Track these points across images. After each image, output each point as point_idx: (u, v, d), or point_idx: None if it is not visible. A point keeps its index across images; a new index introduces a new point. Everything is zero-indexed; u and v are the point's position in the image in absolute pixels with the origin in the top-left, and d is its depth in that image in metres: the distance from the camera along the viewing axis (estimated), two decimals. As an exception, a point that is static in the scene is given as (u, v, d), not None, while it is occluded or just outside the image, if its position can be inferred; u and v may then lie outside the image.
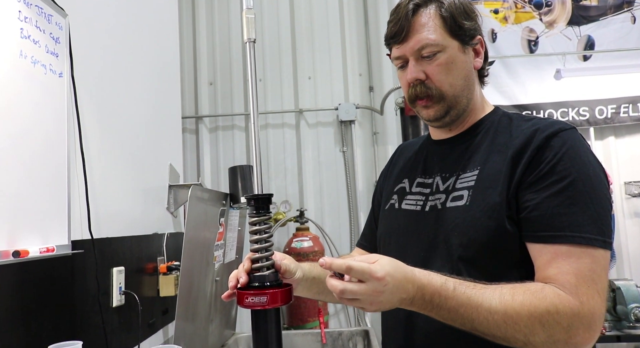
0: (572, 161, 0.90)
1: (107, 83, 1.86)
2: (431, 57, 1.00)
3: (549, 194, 0.88)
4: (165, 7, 2.72)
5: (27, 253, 1.15)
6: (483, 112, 1.09)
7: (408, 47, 1.01)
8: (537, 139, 0.93)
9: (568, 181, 0.88)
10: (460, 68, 1.02)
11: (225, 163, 3.47)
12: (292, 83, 3.58)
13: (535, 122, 0.98)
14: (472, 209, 0.95)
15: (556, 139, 0.92)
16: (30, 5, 1.28)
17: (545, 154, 0.91)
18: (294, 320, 3.04)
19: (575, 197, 0.87)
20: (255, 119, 1.09)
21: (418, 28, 1.00)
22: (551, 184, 0.89)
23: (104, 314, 1.64)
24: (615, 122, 3.40)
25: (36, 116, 1.30)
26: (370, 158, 3.50)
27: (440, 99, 1.01)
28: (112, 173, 1.85)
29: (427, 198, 1.06)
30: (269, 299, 1.00)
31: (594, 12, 3.50)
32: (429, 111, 1.04)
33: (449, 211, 0.99)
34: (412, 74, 1.01)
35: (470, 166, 1.01)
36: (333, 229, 3.43)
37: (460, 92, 1.02)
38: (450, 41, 1.00)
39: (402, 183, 1.16)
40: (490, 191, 0.94)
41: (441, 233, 0.99)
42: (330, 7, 3.62)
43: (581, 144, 0.94)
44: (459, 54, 1.01)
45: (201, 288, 1.98)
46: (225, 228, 2.25)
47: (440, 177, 1.06)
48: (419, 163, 1.15)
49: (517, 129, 0.99)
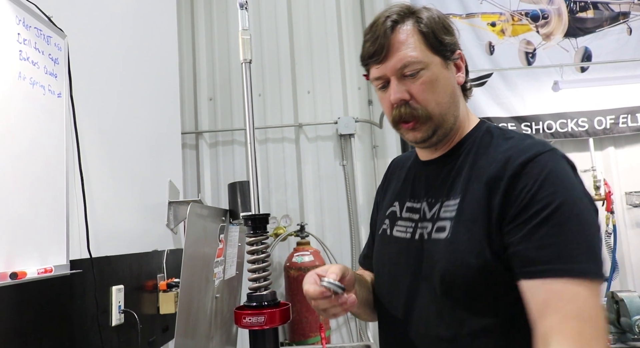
0: (554, 186, 0.82)
1: (106, 101, 1.87)
2: (414, 76, 0.94)
3: (534, 225, 0.81)
4: (165, 24, 2.75)
5: (25, 275, 1.15)
6: (468, 127, 1.03)
7: (389, 66, 0.95)
8: (511, 167, 0.86)
9: (552, 208, 0.80)
10: (445, 85, 0.97)
11: (226, 178, 3.48)
12: (291, 98, 3.60)
13: (511, 146, 0.91)
14: (453, 243, 0.90)
15: (532, 164, 0.85)
16: (29, 28, 1.30)
17: (522, 182, 0.84)
18: (295, 335, 3.02)
19: (561, 225, 0.80)
20: (251, 138, 1.10)
21: (398, 46, 0.94)
22: (534, 214, 0.81)
23: (103, 333, 1.63)
24: (615, 132, 3.40)
25: (35, 137, 1.31)
26: (370, 171, 3.51)
27: (427, 119, 0.96)
28: (112, 191, 1.85)
29: (417, 225, 1.02)
30: (267, 319, 1.00)
31: (590, 24, 3.52)
32: (415, 134, 0.98)
33: (432, 244, 0.95)
34: (395, 95, 0.95)
35: (453, 193, 0.95)
36: (334, 243, 3.43)
37: (447, 110, 0.97)
38: (432, 57, 0.95)
39: (393, 207, 1.12)
40: (471, 224, 0.88)
41: (427, 268, 0.95)
42: (329, 21, 3.65)
43: (562, 166, 0.86)
44: (442, 70, 0.97)
45: (201, 305, 1.97)
46: (225, 244, 2.25)
47: (426, 202, 1.02)
48: (408, 185, 1.11)
49: (495, 151, 0.93)
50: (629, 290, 2.81)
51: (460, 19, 3.53)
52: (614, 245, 3.23)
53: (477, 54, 3.42)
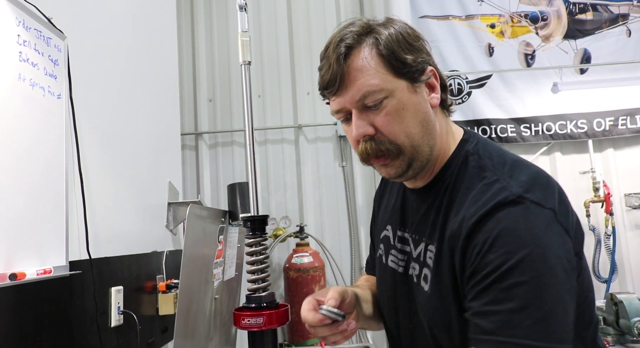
0: (506, 245, 0.73)
1: (106, 102, 1.87)
2: (377, 106, 0.83)
3: (481, 289, 0.74)
4: (164, 25, 2.75)
5: (24, 276, 1.15)
6: (449, 151, 0.92)
7: (347, 97, 0.84)
8: (465, 226, 0.78)
9: (502, 271, 0.71)
10: (414, 112, 0.85)
11: (225, 179, 3.48)
12: (291, 99, 3.61)
13: (475, 193, 0.81)
14: (432, 298, 0.86)
15: (487, 222, 0.76)
16: (29, 29, 1.30)
17: (474, 243, 0.76)
18: (294, 336, 3.02)
19: (509, 289, 0.70)
20: (250, 140, 1.10)
21: (355, 74, 0.83)
22: (483, 278, 0.73)
23: (102, 334, 1.63)
24: (614, 134, 3.41)
25: (35, 138, 1.31)
26: (369, 172, 3.51)
27: (398, 153, 0.85)
28: (111, 192, 1.85)
29: (409, 260, 0.97)
30: (266, 320, 1.01)
31: (589, 26, 3.53)
32: (388, 170, 0.88)
33: (418, 290, 0.91)
34: (358, 130, 0.84)
35: (433, 238, 0.88)
36: (333, 244, 3.43)
37: (420, 140, 0.86)
38: (397, 82, 0.84)
39: (387, 231, 1.08)
40: (444, 279, 0.83)
41: (416, 313, 0.93)
42: (328, 22, 3.66)
43: (527, 216, 0.75)
44: (409, 95, 0.85)
45: (200, 306, 1.97)
46: (224, 246, 2.25)
47: (411, 239, 0.97)
48: (397, 211, 1.05)
49: (463, 198, 0.83)
50: (628, 291, 2.81)
51: (459, 21, 3.53)
52: (613, 247, 3.24)
53: (477, 56, 3.43)
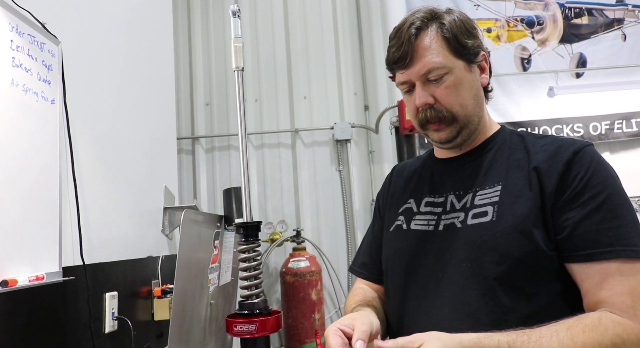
0: (603, 175, 0.90)
1: (102, 107, 1.87)
2: (438, 80, 0.98)
3: (590, 210, 0.87)
4: (161, 29, 2.75)
5: (16, 282, 1.14)
6: (491, 129, 1.08)
7: (414, 72, 0.99)
8: (564, 155, 0.92)
9: (605, 195, 0.87)
10: (469, 88, 1.01)
11: (222, 183, 3.47)
12: (287, 103, 3.61)
13: (554, 139, 0.98)
14: (500, 224, 0.92)
15: (582, 154, 0.92)
16: (22, 34, 1.30)
17: (576, 169, 0.90)
18: (291, 341, 3.01)
19: (615, 210, 0.87)
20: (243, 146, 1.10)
21: (422, 52, 0.98)
22: (589, 200, 0.88)
23: (96, 340, 1.62)
24: (610, 138, 3.41)
25: (28, 143, 1.31)
26: (366, 176, 3.51)
27: (452, 121, 1.00)
28: (106, 197, 1.84)
29: (440, 217, 1.03)
30: (258, 327, 1.00)
31: (585, 30, 3.54)
32: (440, 134, 1.02)
33: (472, 229, 0.95)
34: (421, 99, 0.99)
35: (489, 182, 0.99)
36: (330, 248, 3.42)
37: (472, 111, 1.01)
38: (456, 62, 0.99)
39: (408, 204, 1.12)
40: (518, 206, 0.92)
41: (467, 252, 0.94)
42: (325, 27, 3.66)
43: (603, 159, 0.94)
44: (465, 73, 1.00)
45: (195, 311, 1.97)
46: (220, 250, 2.24)
47: (454, 195, 1.03)
48: (425, 183, 1.12)
49: (534, 146, 0.99)
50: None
51: (456, 25, 3.54)
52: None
53: (473, 60, 3.43)
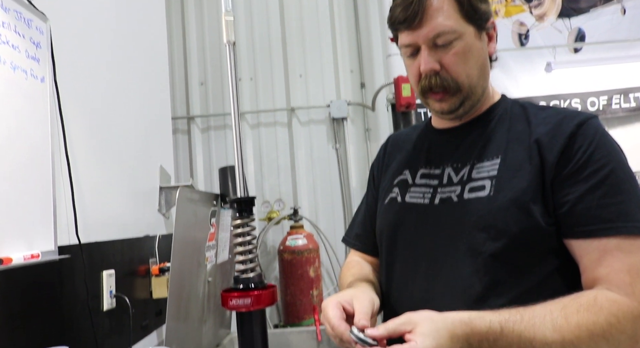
0: (607, 149, 0.86)
1: (93, 86, 1.84)
2: (447, 46, 0.91)
3: (592, 185, 0.83)
4: (153, 5, 2.70)
5: (10, 261, 1.14)
6: (493, 99, 1.03)
7: (421, 34, 0.91)
8: (567, 127, 0.88)
9: (608, 169, 0.83)
10: (477, 56, 0.94)
11: (218, 162, 3.46)
12: (283, 81, 3.57)
13: (557, 111, 0.93)
14: (497, 199, 0.88)
15: (586, 126, 0.87)
16: (8, 10, 1.27)
17: (578, 142, 0.86)
18: (289, 317, 3.05)
19: (618, 185, 0.83)
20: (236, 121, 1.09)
21: (432, 13, 0.89)
22: (591, 174, 0.84)
23: (94, 318, 1.64)
24: (608, 113, 3.40)
25: (18, 122, 1.29)
26: (363, 154, 3.50)
27: (456, 91, 0.94)
28: (101, 176, 1.84)
29: (436, 190, 0.99)
30: (253, 301, 1.01)
31: (584, 4, 3.49)
32: (442, 105, 0.96)
33: (469, 203, 0.92)
34: (426, 65, 0.92)
35: (488, 154, 0.94)
36: (327, 226, 3.44)
37: (477, 82, 0.96)
38: (467, 27, 0.92)
39: (403, 175, 1.08)
40: (517, 180, 0.88)
41: (462, 227, 0.91)
42: (320, 4, 3.61)
43: (607, 132, 0.90)
44: (475, 41, 0.93)
45: (193, 289, 1.98)
46: (217, 229, 2.25)
47: (451, 167, 0.99)
48: (421, 153, 1.07)
49: (536, 118, 0.94)
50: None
51: (453, 0, 3.49)
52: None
53: (470, 36, 3.39)
